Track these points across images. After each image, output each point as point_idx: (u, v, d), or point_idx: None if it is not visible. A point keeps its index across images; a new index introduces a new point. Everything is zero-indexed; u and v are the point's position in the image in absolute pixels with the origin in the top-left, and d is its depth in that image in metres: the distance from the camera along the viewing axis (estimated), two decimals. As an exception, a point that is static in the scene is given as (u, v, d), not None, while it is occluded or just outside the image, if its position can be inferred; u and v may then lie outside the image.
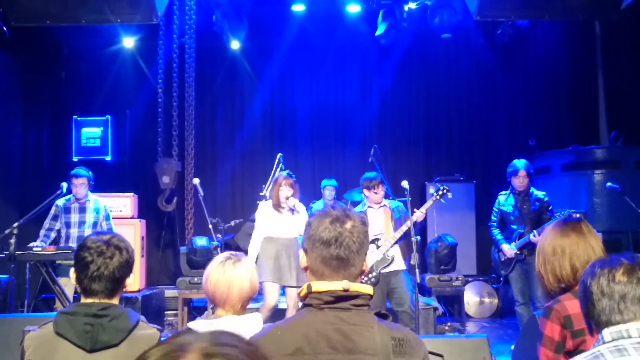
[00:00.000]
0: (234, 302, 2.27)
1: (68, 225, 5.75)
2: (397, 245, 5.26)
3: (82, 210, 5.79)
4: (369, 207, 5.39)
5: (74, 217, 5.76)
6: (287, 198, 5.37)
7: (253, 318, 2.26)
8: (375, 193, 5.31)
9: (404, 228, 5.17)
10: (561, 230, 2.33)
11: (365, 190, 5.39)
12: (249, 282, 2.30)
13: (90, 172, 5.83)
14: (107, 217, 5.93)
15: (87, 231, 5.75)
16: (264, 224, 5.47)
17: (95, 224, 5.82)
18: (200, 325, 2.22)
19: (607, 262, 1.69)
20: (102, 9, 5.49)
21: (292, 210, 5.42)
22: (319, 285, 1.64)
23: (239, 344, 0.87)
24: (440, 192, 5.30)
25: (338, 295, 1.62)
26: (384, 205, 5.39)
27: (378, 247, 5.23)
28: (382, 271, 5.21)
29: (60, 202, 5.75)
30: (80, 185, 5.69)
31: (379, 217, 5.35)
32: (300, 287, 4.90)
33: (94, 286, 2.06)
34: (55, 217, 5.75)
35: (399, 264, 5.26)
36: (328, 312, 1.62)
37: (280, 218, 5.46)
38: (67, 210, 5.77)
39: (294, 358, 1.58)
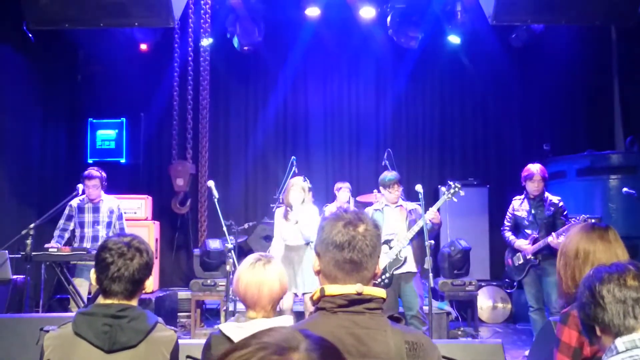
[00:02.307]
0: (265, 303, 2.29)
1: (82, 225, 5.79)
2: (409, 248, 5.22)
3: (96, 210, 5.82)
4: (386, 205, 5.39)
5: (88, 217, 5.80)
6: (296, 201, 5.49)
7: (284, 321, 2.28)
8: (390, 192, 5.31)
9: (415, 228, 5.13)
10: (587, 235, 2.29)
11: (381, 189, 5.40)
12: (278, 283, 2.32)
13: (103, 173, 5.86)
14: (119, 217, 5.95)
15: (102, 231, 5.80)
16: (280, 231, 5.63)
17: (109, 224, 5.86)
18: (231, 328, 2.23)
19: (613, 267, 1.71)
20: (120, 13, 5.53)
21: (290, 207, 5.51)
22: (332, 289, 1.64)
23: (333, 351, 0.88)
24: (452, 190, 5.24)
25: (351, 298, 1.61)
26: (401, 205, 5.38)
27: (390, 247, 5.21)
28: (395, 272, 5.20)
29: (74, 202, 5.79)
30: (93, 187, 5.72)
31: (395, 216, 5.32)
32: (296, 293, 4.85)
33: (114, 287, 2.08)
34: (69, 218, 5.80)
35: (411, 266, 5.22)
36: (341, 315, 1.61)
37: (286, 225, 5.58)
38: (81, 210, 5.81)
39: None
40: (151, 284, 2.22)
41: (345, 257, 1.63)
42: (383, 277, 5.16)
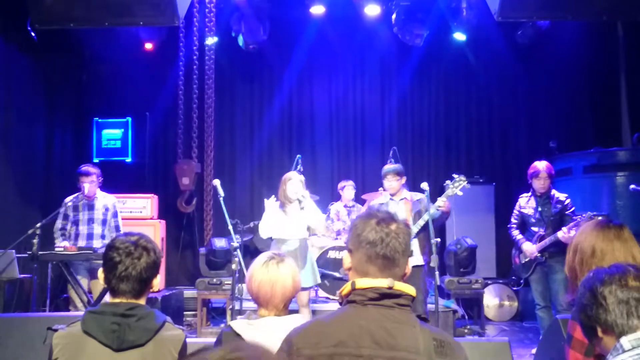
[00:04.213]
0: (277, 301, 2.30)
1: (77, 222, 5.72)
2: (416, 241, 5.14)
3: (91, 207, 5.75)
4: (391, 198, 5.37)
5: (83, 215, 5.72)
6: (297, 193, 5.26)
7: (295, 319, 2.27)
8: (388, 181, 5.31)
9: (421, 222, 5.09)
10: (604, 233, 2.26)
11: (383, 180, 5.42)
12: (291, 282, 2.32)
13: (98, 169, 5.82)
14: (115, 215, 5.88)
15: (97, 228, 5.73)
16: (270, 221, 5.36)
17: (104, 222, 5.78)
18: (242, 325, 2.24)
19: (613, 268, 1.73)
20: (125, 12, 5.54)
21: (289, 201, 5.31)
22: (363, 282, 1.67)
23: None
24: (456, 184, 5.18)
25: (382, 292, 1.65)
26: (405, 197, 5.35)
27: None
28: None
29: (68, 200, 5.75)
30: (91, 183, 5.66)
31: (400, 209, 5.28)
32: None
33: (122, 286, 2.08)
34: (66, 216, 5.74)
35: (417, 259, 5.12)
36: (371, 308, 1.64)
37: (283, 219, 5.36)
38: (75, 208, 5.74)
39: (337, 349, 1.60)
40: (158, 282, 2.22)
41: (378, 252, 1.67)
42: None
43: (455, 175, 5.31)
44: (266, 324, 2.22)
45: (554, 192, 5.52)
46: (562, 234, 5.15)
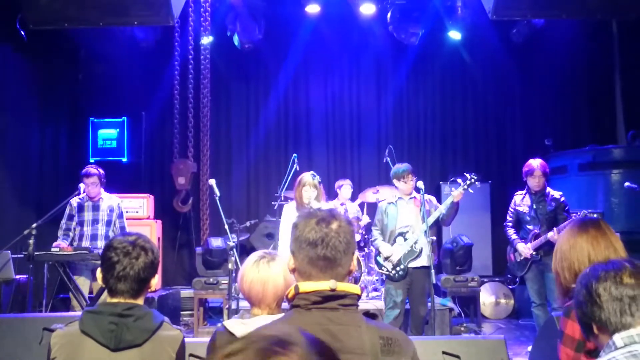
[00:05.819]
0: (269, 300, 2.29)
1: (82, 223, 5.74)
2: (425, 240, 5.11)
3: (96, 208, 5.77)
4: (400, 198, 5.37)
5: (88, 215, 5.75)
6: (310, 200, 5.19)
7: None
8: (405, 183, 5.28)
9: (430, 219, 5.10)
10: (579, 227, 2.31)
11: (395, 182, 5.38)
12: (283, 280, 2.30)
13: (101, 170, 5.81)
14: (120, 215, 5.89)
15: (101, 229, 5.75)
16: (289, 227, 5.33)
17: (109, 222, 5.80)
18: (235, 324, 2.23)
19: (610, 265, 1.73)
20: (120, 11, 5.54)
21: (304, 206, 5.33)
22: (306, 286, 1.65)
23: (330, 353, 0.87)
24: (467, 182, 5.20)
25: (326, 295, 1.62)
26: (414, 197, 5.34)
27: (405, 239, 5.19)
28: (410, 265, 5.16)
29: (74, 201, 5.76)
30: (92, 184, 5.67)
31: (409, 209, 5.30)
32: None
33: (120, 286, 2.08)
34: (71, 217, 5.75)
35: (426, 260, 5.10)
36: (316, 312, 1.62)
37: None
38: (80, 208, 5.76)
39: None
40: (156, 282, 2.22)
41: (318, 254, 1.65)
42: (397, 269, 5.14)
43: (466, 174, 5.32)
44: (259, 323, 2.21)
45: (549, 190, 5.53)
46: (552, 234, 5.13)
